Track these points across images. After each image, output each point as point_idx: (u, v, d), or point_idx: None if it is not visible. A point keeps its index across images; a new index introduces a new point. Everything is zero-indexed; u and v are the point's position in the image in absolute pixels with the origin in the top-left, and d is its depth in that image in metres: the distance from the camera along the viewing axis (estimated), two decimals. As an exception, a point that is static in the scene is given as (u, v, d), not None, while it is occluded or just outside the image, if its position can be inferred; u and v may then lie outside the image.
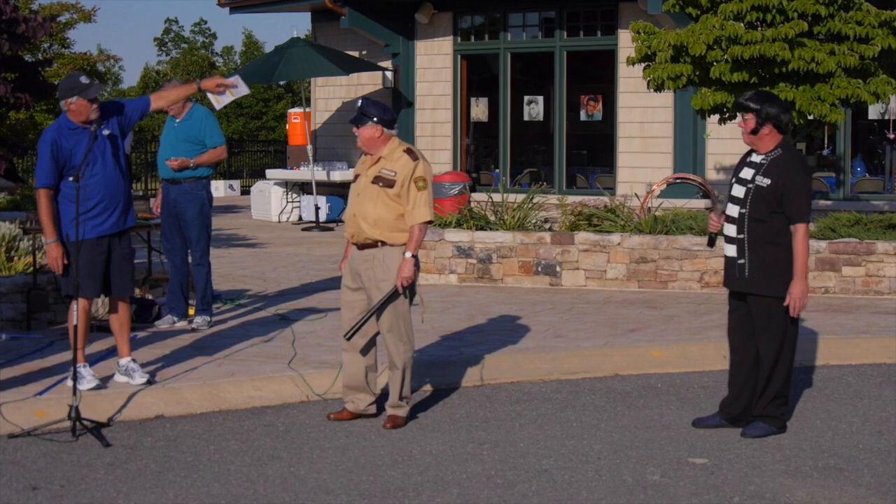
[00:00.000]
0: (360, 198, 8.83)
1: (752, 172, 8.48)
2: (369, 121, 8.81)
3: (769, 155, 8.46)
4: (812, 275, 14.18)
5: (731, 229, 8.53)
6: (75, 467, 7.84)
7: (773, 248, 8.38)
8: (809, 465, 7.82)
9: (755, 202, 8.38)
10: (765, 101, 8.48)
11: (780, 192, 8.31)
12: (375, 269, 8.77)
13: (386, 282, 8.74)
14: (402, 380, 8.88)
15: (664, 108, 20.30)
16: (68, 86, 9.38)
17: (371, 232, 8.75)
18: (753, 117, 8.44)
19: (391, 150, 8.88)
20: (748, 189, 8.43)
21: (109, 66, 57.05)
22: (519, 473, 7.67)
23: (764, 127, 8.43)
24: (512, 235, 15.24)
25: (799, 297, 8.32)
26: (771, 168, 8.39)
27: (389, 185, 8.75)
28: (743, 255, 8.44)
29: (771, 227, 8.36)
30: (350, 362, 9.02)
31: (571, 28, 21.91)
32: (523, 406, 9.54)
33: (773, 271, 8.38)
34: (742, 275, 8.47)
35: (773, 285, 8.40)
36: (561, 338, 11.66)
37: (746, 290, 8.50)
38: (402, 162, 8.82)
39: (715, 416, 8.81)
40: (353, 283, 8.96)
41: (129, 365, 9.56)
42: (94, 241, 9.30)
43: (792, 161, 8.42)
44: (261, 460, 8.01)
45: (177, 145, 12.15)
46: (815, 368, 10.90)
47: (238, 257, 18.49)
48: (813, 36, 14.39)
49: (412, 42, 23.40)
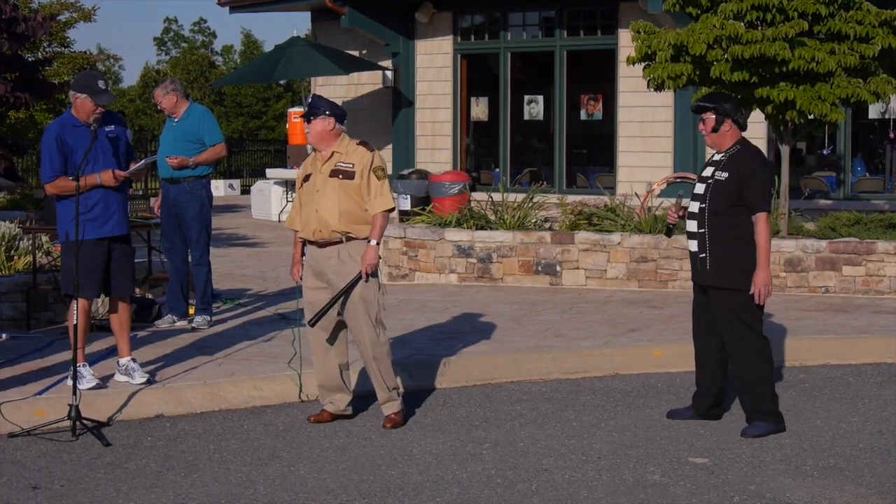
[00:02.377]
0: (319, 194, 8.73)
1: (712, 170, 8.72)
2: (321, 114, 8.77)
3: (728, 152, 8.70)
4: (812, 274, 14.19)
5: (692, 225, 8.72)
6: (75, 467, 7.85)
7: (733, 241, 8.55)
8: (810, 465, 7.82)
9: (714, 197, 8.58)
10: (720, 99, 8.82)
11: (739, 185, 8.51)
12: (343, 264, 8.71)
13: (355, 274, 8.72)
14: (382, 371, 8.82)
15: (664, 108, 20.31)
16: (84, 81, 9.39)
17: (338, 226, 8.69)
18: (713, 115, 8.70)
19: (344, 144, 8.85)
20: (708, 185, 8.65)
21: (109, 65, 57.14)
22: (519, 473, 7.67)
23: (724, 124, 8.69)
24: (512, 235, 15.24)
25: (763, 285, 8.48)
26: (729, 163, 8.64)
27: (349, 176, 8.72)
28: (704, 249, 8.63)
29: (731, 221, 8.54)
30: (322, 363, 8.95)
31: (571, 27, 21.91)
32: (523, 405, 9.54)
33: (734, 264, 8.54)
34: (704, 268, 8.64)
35: (736, 278, 8.55)
36: (561, 337, 11.66)
37: (710, 283, 8.65)
38: (359, 154, 8.79)
39: (688, 409, 8.99)
40: (316, 283, 8.84)
41: (129, 364, 9.56)
42: (94, 241, 9.31)
43: (749, 155, 8.68)
44: (261, 460, 8.01)
45: (176, 144, 12.15)
46: (815, 368, 10.90)
47: (238, 257, 18.50)
48: (813, 35, 14.38)
49: (412, 41, 23.40)
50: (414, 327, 12.00)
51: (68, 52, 30.97)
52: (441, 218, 16.08)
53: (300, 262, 8.99)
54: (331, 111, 8.79)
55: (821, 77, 14.31)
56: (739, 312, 8.57)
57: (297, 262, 9.01)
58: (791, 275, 14.29)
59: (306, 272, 8.93)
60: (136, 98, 62.93)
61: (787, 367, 10.91)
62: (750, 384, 8.64)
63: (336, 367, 8.95)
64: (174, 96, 12.20)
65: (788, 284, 14.28)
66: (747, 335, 8.60)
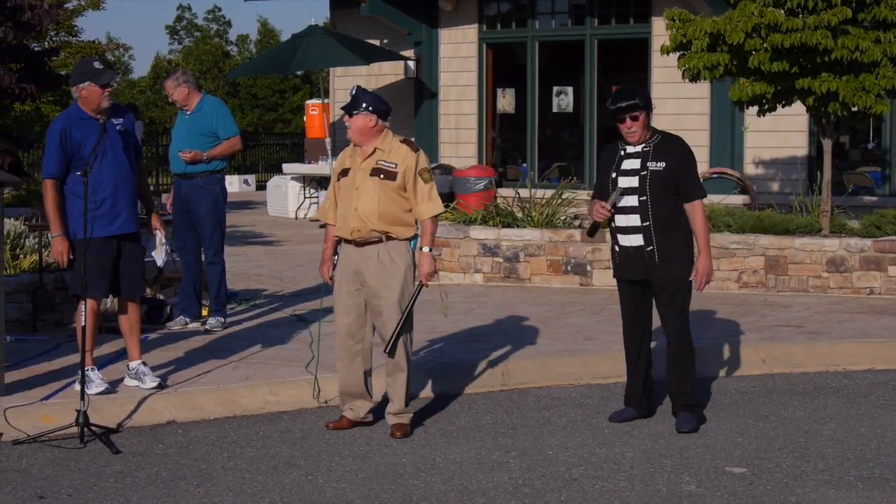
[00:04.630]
0: (358, 192, 8.72)
1: (638, 161, 8.95)
2: (363, 110, 8.77)
3: (650, 142, 8.99)
4: (856, 275, 14.14)
5: (632, 219, 8.95)
6: (83, 475, 7.87)
7: (675, 232, 8.91)
8: (854, 475, 7.79)
9: (654, 187, 8.87)
10: (640, 92, 9.16)
11: (676, 174, 8.85)
12: (383, 266, 8.72)
13: (395, 278, 8.71)
14: (408, 380, 8.88)
15: (700, 100, 20.27)
16: (80, 71, 9.43)
17: (377, 226, 8.70)
18: (643, 112, 9.00)
19: (386, 141, 8.84)
20: (643, 177, 8.89)
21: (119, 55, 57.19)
22: (547, 483, 7.66)
23: (650, 116, 9.04)
24: (540, 233, 15.23)
25: (707, 272, 8.93)
26: (659, 152, 8.94)
27: (391, 177, 8.72)
28: (651, 241, 8.92)
29: (671, 212, 8.92)
30: (348, 369, 8.93)
31: (602, 15, 21.88)
32: (552, 412, 9.54)
33: (679, 254, 8.93)
34: (652, 261, 8.92)
35: (682, 268, 8.96)
36: (592, 340, 11.65)
37: (656, 276, 8.95)
38: (403, 153, 8.78)
39: (629, 410, 9.28)
40: (353, 285, 8.80)
41: (140, 368, 9.58)
42: (102, 239, 9.33)
43: (678, 141, 9.07)
44: (277, 468, 8.02)
45: (189, 138, 12.17)
46: (859, 373, 10.87)
47: (253, 255, 18.53)
48: (857, 23, 14.33)
49: (435, 30, 23.40)
50: (437, 330, 12.00)
51: (76, 42, 31.03)
52: (466, 215, 16.07)
53: (330, 261, 8.95)
54: (373, 108, 8.78)
55: (865, 67, 14.26)
56: (682, 303, 9.00)
57: (328, 259, 8.96)
58: (834, 275, 14.23)
59: (340, 272, 8.88)
60: (147, 89, 63.08)
61: (830, 373, 10.88)
62: (689, 375, 9.04)
63: (361, 373, 8.95)
64: (186, 88, 12.22)
65: (831, 285, 14.23)
66: (686, 324, 9.04)
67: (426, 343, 11.33)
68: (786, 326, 12.27)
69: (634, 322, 9.17)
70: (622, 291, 9.20)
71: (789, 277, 14.37)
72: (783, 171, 19.94)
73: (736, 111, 19.00)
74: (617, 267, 9.15)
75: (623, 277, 9.12)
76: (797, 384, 10.50)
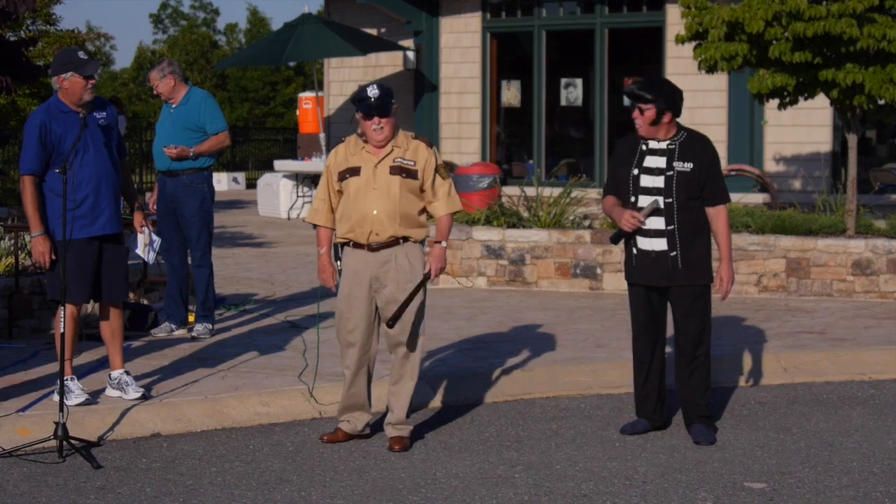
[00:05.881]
0: (377, 193, 8.65)
1: (663, 160, 8.88)
2: (390, 114, 8.69)
3: (676, 139, 8.92)
4: (883, 278, 14.16)
5: (655, 222, 8.88)
6: (62, 491, 7.87)
7: (698, 236, 8.93)
8: (881, 491, 7.80)
9: (680, 190, 8.82)
10: (661, 87, 9.01)
11: (704, 176, 8.82)
12: (402, 270, 8.70)
13: (413, 282, 8.71)
14: (414, 390, 8.88)
15: (717, 92, 20.30)
16: (63, 60, 9.43)
17: (397, 229, 8.69)
18: (653, 107, 8.86)
19: (403, 138, 8.82)
20: (669, 177, 8.83)
21: (100, 45, 57.30)
22: (555, 499, 7.67)
23: (665, 115, 8.87)
24: (547, 234, 15.24)
25: (730, 280, 8.98)
26: (687, 151, 8.87)
27: (413, 175, 8.70)
28: (675, 246, 8.89)
29: (695, 215, 8.91)
30: (354, 380, 8.89)
31: (614, 3, 21.91)
32: (560, 423, 9.54)
33: (702, 259, 8.93)
34: (675, 267, 8.89)
35: (705, 273, 8.97)
36: (602, 347, 11.66)
37: (679, 282, 8.93)
38: (421, 151, 8.77)
39: (642, 422, 9.25)
40: (366, 292, 8.73)
41: (122, 378, 9.58)
42: (83, 241, 9.33)
43: (705, 140, 9.03)
44: (268, 484, 8.03)
45: (174, 133, 12.18)
46: (886, 383, 10.87)
47: (243, 258, 18.55)
48: (884, 11, 14.35)
49: (436, 18, 23.43)
50: (439, 336, 12.01)
51: (54, 31, 31.05)
52: (468, 215, 16.08)
53: (332, 266, 8.82)
54: (396, 106, 8.76)
55: (893, 57, 14.27)
56: (703, 310, 9.00)
57: (329, 265, 8.81)
58: (859, 278, 14.24)
59: (349, 279, 8.79)
60: (130, 82, 63.20)
61: (855, 382, 10.89)
62: (707, 385, 9.07)
63: (365, 385, 8.95)
64: (172, 79, 12.23)
65: (856, 289, 14.24)
66: (707, 333, 9.04)
67: (427, 351, 11.33)
68: (808, 333, 12.28)
69: (648, 330, 9.12)
70: (636, 297, 9.14)
71: (812, 281, 14.37)
72: (805, 167, 19.96)
73: (755, 104, 19.04)
74: (634, 271, 9.08)
75: (640, 283, 9.05)
76: (820, 394, 10.51)
